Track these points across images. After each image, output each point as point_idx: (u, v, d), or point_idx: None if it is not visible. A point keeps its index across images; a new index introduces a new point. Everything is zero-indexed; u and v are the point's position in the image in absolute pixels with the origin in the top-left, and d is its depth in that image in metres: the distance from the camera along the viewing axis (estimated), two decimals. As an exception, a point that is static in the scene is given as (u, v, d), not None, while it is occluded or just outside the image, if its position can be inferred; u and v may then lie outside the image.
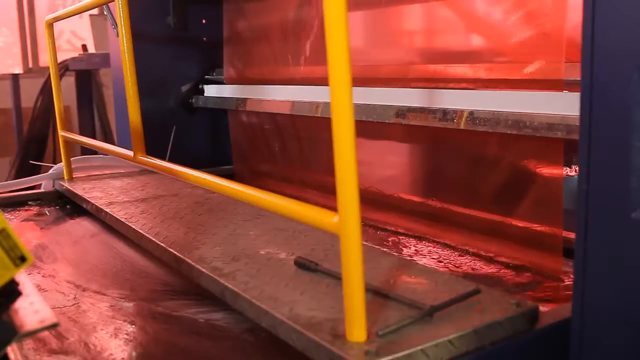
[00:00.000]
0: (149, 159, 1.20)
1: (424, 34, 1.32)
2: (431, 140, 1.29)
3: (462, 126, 1.10)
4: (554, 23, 1.02)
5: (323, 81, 1.44)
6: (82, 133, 3.76)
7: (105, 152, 1.54)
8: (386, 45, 1.41)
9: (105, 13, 1.94)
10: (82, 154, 2.72)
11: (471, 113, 1.09)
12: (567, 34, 0.99)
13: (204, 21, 1.99)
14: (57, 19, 1.68)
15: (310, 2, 1.55)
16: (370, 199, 1.40)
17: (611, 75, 0.70)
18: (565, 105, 0.97)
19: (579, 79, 0.72)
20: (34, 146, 4.00)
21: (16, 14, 5.55)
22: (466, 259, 1.16)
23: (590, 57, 0.72)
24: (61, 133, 1.72)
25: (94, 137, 3.92)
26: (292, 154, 1.70)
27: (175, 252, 1.05)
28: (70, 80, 3.93)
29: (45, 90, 3.98)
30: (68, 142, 1.73)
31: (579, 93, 0.72)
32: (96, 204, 1.44)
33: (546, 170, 1.07)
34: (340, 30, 0.63)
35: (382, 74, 1.35)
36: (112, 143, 4.24)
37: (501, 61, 1.13)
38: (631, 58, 0.68)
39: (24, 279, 0.70)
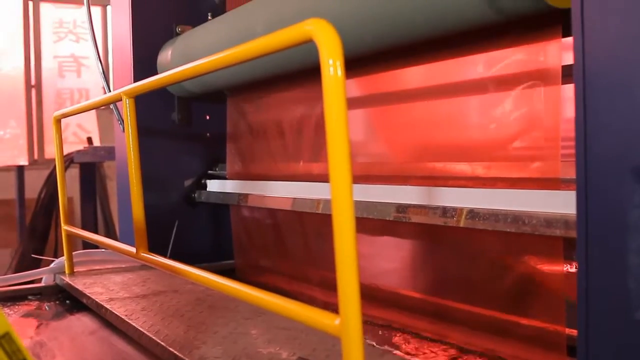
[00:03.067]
0: (151, 257, 1.21)
1: (421, 133, 1.35)
2: (431, 237, 1.30)
3: (462, 224, 1.11)
4: (549, 123, 1.05)
5: (324, 178, 1.47)
6: (84, 225, 3.78)
7: (108, 248, 1.55)
8: (385, 143, 1.44)
9: (111, 107, 1.98)
10: (84, 247, 2.73)
11: (470, 211, 1.11)
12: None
13: (207, 117, 2.04)
14: (65, 115, 1.71)
15: (311, 100, 1.59)
16: (371, 295, 1.40)
17: (604, 177, 0.72)
18: (563, 204, 0.99)
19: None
20: (36, 238, 4.01)
21: (24, 107, 5.67)
22: (467, 357, 1.15)
23: (584, 159, 0.74)
24: (64, 227, 1.73)
25: (96, 229, 3.94)
26: (293, 249, 1.71)
27: (175, 352, 1.04)
28: (74, 171, 3.98)
29: (50, 182, 4.03)
30: (71, 236, 1.74)
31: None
32: (96, 300, 1.44)
33: (547, 267, 1.08)
34: (340, 128, 0.65)
35: (381, 171, 1.38)
36: (114, 235, 4.26)
37: (499, 160, 1.15)
38: (623, 161, 0.70)
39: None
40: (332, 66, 0.64)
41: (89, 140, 4.53)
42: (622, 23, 0.69)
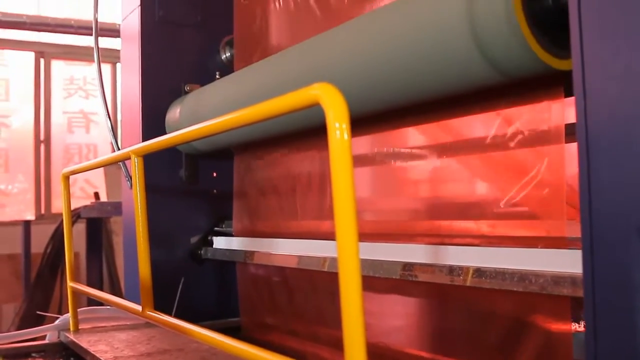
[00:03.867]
0: (157, 315, 1.20)
1: (427, 191, 1.36)
2: (438, 296, 1.29)
3: (468, 282, 1.11)
4: (554, 182, 1.05)
5: (330, 236, 1.47)
6: (89, 280, 3.77)
7: (115, 306, 1.54)
8: (391, 202, 1.44)
9: (119, 163, 1.99)
10: (89, 302, 2.71)
11: (477, 269, 1.10)
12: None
13: (214, 174, 2.05)
14: (74, 172, 1.73)
15: (318, 158, 1.61)
16: (377, 354, 1.38)
17: (610, 237, 0.72)
18: (570, 263, 0.98)
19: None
20: (41, 294, 3.99)
21: (32, 161, 5.70)
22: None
23: (589, 219, 0.75)
24: (70, 284, 1.72)
25: (101, 285, 3.92)
26: (299, 307, 1.70)
27: (180, 412, 1.03)
28: (80, 226, 3.99)
29: (56, 238, 4.03)
30: (76, 293, 1.73)
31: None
32: (101, 359, 1.42)
33: (554, 326, 1.07)
34: (346, 188, 0.66)
35: (388, 229, 1.38)
36: (119, 290, 4.24)
37: (504, 218, 1.15)
38: (628, 220, 0.70)
39: None
40: (338, 129, 0.65)
41: (96, 195, 4.55)
42: (621, 86, 0.71)
